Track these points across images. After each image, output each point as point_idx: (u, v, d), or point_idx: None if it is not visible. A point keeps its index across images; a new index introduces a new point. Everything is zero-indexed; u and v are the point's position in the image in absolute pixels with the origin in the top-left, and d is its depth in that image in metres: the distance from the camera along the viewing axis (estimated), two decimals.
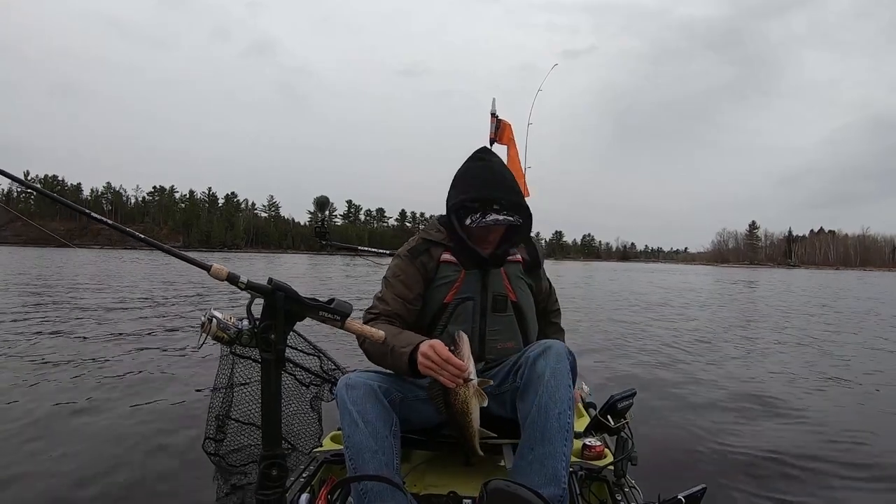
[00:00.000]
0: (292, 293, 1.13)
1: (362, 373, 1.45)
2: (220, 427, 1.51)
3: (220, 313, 1.04)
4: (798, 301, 16.85)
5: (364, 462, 1.28)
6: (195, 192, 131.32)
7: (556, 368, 1.33)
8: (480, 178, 1.54)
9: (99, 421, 3.39)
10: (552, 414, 1.29)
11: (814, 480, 2.85)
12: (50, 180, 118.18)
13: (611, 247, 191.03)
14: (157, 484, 2.52)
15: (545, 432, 1.29)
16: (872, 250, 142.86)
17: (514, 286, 1.60)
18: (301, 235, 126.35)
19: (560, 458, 1.28)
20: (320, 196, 2.11)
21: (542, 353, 1.35)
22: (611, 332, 8.35)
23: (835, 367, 6.11)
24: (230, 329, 1.05)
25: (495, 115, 3.53)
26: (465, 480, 1.56)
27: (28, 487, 2.46)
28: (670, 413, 4.02)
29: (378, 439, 1.31)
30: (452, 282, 1.56)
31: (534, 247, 1.68)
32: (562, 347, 1.38)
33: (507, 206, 1.52)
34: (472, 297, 1.55)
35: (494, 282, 1.57)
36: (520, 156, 3.83)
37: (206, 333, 1.02)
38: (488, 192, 1.52)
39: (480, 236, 1.56)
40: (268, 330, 1.10)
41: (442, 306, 1.56)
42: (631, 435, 1.67)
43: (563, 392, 1.31)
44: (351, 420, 1.32)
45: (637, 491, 1.61)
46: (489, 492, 1.09)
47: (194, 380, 4.43)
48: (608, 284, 24.39)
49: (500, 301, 1.57)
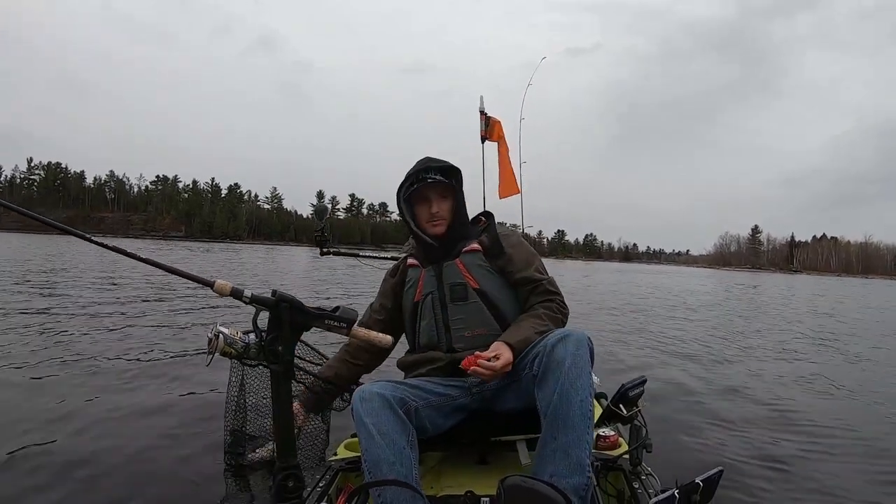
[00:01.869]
0: (297, 304, 1.13)
1: (375, 383, 1.45)
2: (236, 441, 1.51)
3: (227, 328, 1.05)
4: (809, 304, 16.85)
5: (383, 474, 1.29)
6: (198, 182, 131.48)
7: (577, 355, 1.33)
8: (415, 166, 1.67)
9: (108, 428, 3.25)
10: (574, 401, 1.29)
11: (830, 462, 2.86)
12: (53, 167, 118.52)
13: (613, 247, 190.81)
14: (167, 496, 2.43)
15: (567, 420, 1.29)
16: (875, 258, 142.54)
17: (473, 274, 1.62)
18: (303, 228, 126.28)
19: (584, 447, 1.29)
20: (319, 204, 2.12)
21: (560, 340, 1.36)
22: (615, 325, 8.36)
23: (852, 363, 6.13)
24: (237, 344, 1.05)
25: (484, 113, 3.51)
26: (481, 479, 1.56)
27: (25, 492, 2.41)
28: (682, 399, 4.07)
29: (395, 451, 1.31)
30: (416, 281, 1.66)
31: (494, 230, 1.70)
32: (582, 335, 1.38)
33: (439, 170, 1.63)
34: (431, 292, 1.63)
35: (449, 273, 1.62)
36: (511, 152, 3.80)
37: (214, 350, 1.02)
38: (419, 167, 1.64)
39: (422, 211, 1.65)
40: (274, 342, 1.10)
41: (415, 305, 1.66)
42: (644, 423, 1.68)
43: (584, 379, 1.32)
44: (367, 433, 1.32)
45: (654, 478, 1.61)
46: (506, 489, 1.09)
47: (208, 386, 4.35)
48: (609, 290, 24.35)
49: (458, 290, 1.61)
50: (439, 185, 1.63)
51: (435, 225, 1.65)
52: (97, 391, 3.92)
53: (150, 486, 2.52)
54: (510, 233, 1.71)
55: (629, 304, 14.07)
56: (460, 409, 1.57)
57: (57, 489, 2.41)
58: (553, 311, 1.62)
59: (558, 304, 1.65)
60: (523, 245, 1.70)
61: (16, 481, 2.44)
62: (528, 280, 1.64)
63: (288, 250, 65.75)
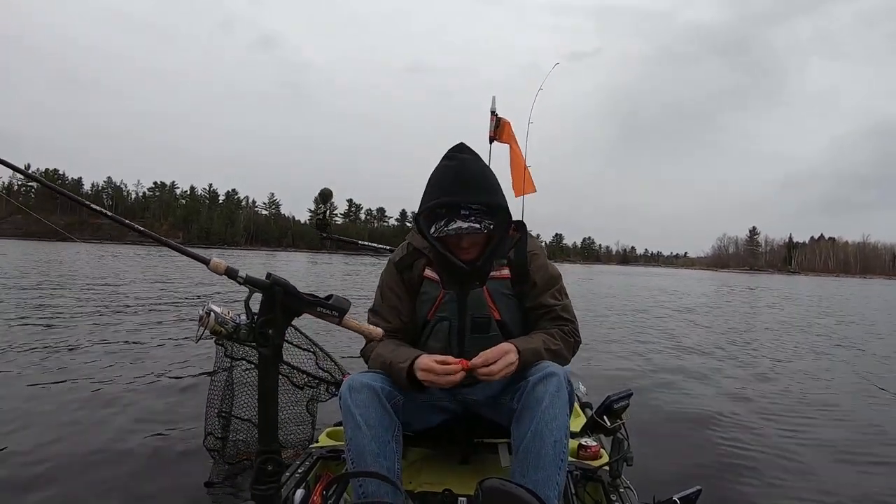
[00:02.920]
0: (291, 288, 1.12)
1: (365, 374, 1.44)
2: (225, 426, 1.51)
3: (219, 307, 1.04)
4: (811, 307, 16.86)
5: (366, 465, 1.28)
6: (196, 189, 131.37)
7: (556, 395, 1.30)
8: (448, 181, 1.44)
9: (92, 415, 3.37)
10: (548, 441, 1.27)
11: (811, 482, 2.84)
12: (51, 174, 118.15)
13: (611, 250, 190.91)
14: (154, 478, 2.49)
15: (539, 459, 1.27)
16: (872, 258, 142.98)
17: (497, 304, 1.50)
18: (301, 233, 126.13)
19: (553, 487, 1.27)
20: (325, 188, 2.11)
21: (542, 380, 1.32)
22: (608, 333, 8.36)
23: (843, 370, 6.12)
24: (228, 323, 1.05)
25: (495, 114, 3.53)
26: (460, 478, 1.56)
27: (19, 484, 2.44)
28: (666, 414, 4.02)
29: (380, 443, 1.31)
30: (433, 299, 1.52)
31: (524, 250, 1.54)
32: (563, 376, 1.34)
33: (478, 210, 1.44)
34: (447, 319, 1.50)
35: (474, 304, 1.49)
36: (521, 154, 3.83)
37: (204, 327, 1.02)
38: (454, 196, 1.42)
39: (454, 243, 1.47)
40: (265, 325, 1.10)
41: (425, 321, 1.54)
42: (627, 436, 1.68)
43: (560, 420, 1.30)
44: (354, 423, 1.32)
45: (632, 492, 1.61)
46: (484, 490, 1.09)
47: (190, 374, 4.43)
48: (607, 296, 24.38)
49: (481, 324, 1.49)
50: (476, 231, 1.43)
51: (466, 250, 1.48)
52: (72, 378, 3.96)
53: (132, 469, 2.58)
54: (538, 251, 1.57)
55: (630, 306, 14.09)
56: (445, 410, 1.57)
57: (42, 477, 2.45)
58: (567, 333, 1.52)
59: (570, 331, 1.54)
60: (547, 268, 1.57)
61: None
62: (542, 305, 1.53)
63: (286, 255, 65.80)
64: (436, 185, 1.46)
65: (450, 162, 1.48)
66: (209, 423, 1.45)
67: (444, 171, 1.47)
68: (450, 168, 1.47)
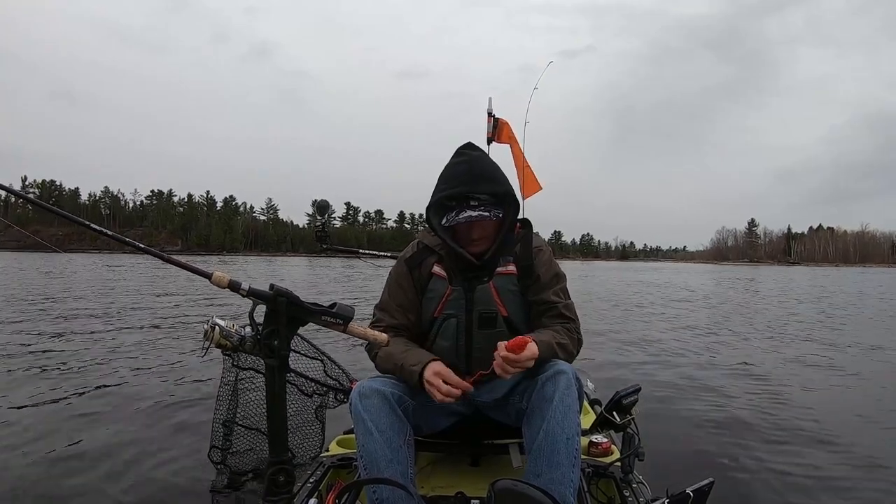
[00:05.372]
0: (294, 298, 1.12)
1: (375, 380, 1.43)
2: (226, 435, 1.50)
3: (223, 321, 1.04)
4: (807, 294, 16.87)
5: (379, 471, 1.28)
6: (193, 196, 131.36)
7: (566, 394, 1.30)
8: (458, 175, 1.48)
9: (98, 429, 3.36)
10: (560, 439, 1.27)
11: (822, 473, 2.82)
12: (48, 185, 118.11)
13: (610, 246, 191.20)
14: (160, 493, 2.48)
15: (552, 458, 1.26)
16: (872, 247, 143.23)
17: (504, 300, 1.51)
18: (300, 238, 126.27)
19: (568, 484, 1.26)
20: (321, 200, 2.12)
21: (551, 378, 1.32)
22: (614, 329, 8.36)
23: (850, 363, 6.08)
24: (233, 336, 1.04)
25: (492, 115, 3.54)
26: (472, 481, 1.56)
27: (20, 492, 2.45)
28: (676, 407, 4.01)
29: (392, 448, 1.30)
30: (440, 296, 1.52)
31: (529, 246, 1.54)
32: (572, 373, 1.34)
33: (487, 200, 1.47)
34: (455, 315, 1.50)
35: (480, 298, 1.50)
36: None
37: (210, 342, 1.01)
38: (464, 187, 1.46)
39: (463, 235, 1.50)
40: (271, 336, 1.09)
41: (432, 319, 1.54)
42: (637, 431, 1.67)
43: (572, 417, 1.29)
44: (365, 429, 1.31)
45: (645, 486, 1.60)
46: (497, 492, 1.08)
47: (197, 387, 4.42)
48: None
49: (488, 318, 1.49)
50: (480, 221, 1.46)
51: (476, 242, 1.50)
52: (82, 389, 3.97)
53: (138, 480, 2.59)
54: (543, 247, 1.57)
55: (630, 302, 14.08)
56: (455, 413, 1.56)
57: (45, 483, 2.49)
58: (570, 331, 1.51)
59: (573, 329, 1.53)
60: (552, 265, 1.57)
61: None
62: (544, 301, 1.52)
63: (286, 260, 65.76)
64: (446, 180, 1.50)
65: (460, 158, 1.52)
66: (215, 436, 1.44)
67: (455, 166, 1.51)
68: (460, 163, 1.51)
